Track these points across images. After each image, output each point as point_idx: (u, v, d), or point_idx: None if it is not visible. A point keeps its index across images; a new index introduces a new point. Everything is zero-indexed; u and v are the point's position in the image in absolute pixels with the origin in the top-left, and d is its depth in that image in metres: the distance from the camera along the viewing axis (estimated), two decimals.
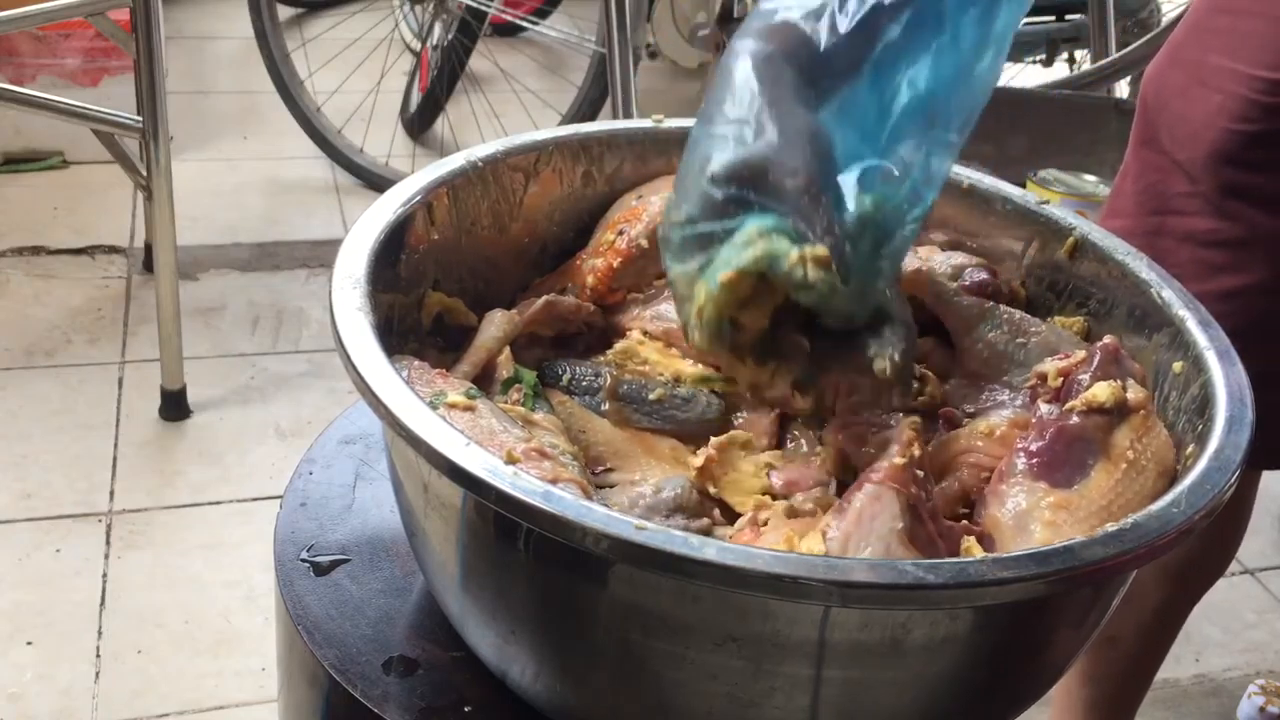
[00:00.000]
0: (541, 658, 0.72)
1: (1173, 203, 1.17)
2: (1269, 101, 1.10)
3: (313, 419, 2.29)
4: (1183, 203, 1.16)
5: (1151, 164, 1.19)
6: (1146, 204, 1.20)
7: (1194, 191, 1.15)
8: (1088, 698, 1.50)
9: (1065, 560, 0.62)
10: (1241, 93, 1.11)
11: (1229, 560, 1.48)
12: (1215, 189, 1.14)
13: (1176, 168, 1.17)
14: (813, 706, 0.67)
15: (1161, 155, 1.19)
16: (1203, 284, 1.12)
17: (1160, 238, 1.17)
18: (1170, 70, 1.20)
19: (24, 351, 2.39)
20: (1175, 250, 1.15)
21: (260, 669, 1.78)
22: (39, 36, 2.94)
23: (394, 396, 0.68)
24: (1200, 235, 1.15)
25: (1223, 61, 1.13)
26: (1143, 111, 1.23)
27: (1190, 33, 1.19)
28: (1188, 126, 1.15)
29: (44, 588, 1.87)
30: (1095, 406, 0.75)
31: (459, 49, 3.18)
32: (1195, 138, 1.14)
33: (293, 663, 0.86)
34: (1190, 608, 1.48)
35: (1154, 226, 1.18)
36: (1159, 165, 1.19)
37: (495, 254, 0.95)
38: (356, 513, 0.94)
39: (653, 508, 0.77)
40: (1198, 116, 1.14)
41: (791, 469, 0.81)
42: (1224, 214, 1.12)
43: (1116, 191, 1.26)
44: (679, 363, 0.91)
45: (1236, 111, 1.11)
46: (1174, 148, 1.17)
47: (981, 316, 0.89)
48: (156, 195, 2.18)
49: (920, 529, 0.69)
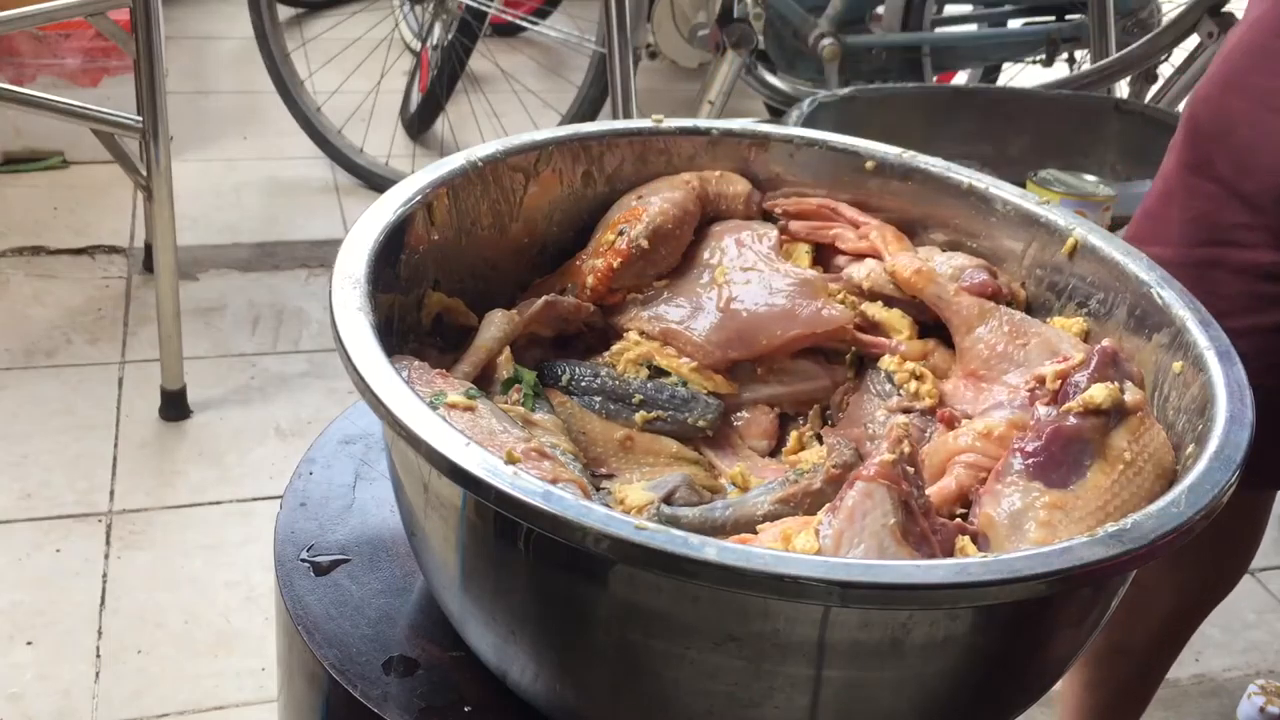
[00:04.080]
0: (541, 658, 0.73)
1: (1229, 234, 1.13)
2: None
3: (313, 419, 2.29)
4: (1242, 234, 1.12)
5: (1203, 192, 1.15)
6: (1196, 234, 1.15)
7: (1256, 224, 1.10)
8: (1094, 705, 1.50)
9: (1065, 560, 0.62)
10: None
11: (1240, 575, 1.45)
12: None
13: (1236, 198, 1.12)
14: (813, 706, 0.67)
15: (1216, 184, 1.14)
16: (1258, 318, 1.10)
17: (1213, 269, 1.13)
18: (1229, 96, 1.14)
19: (24, 351, 2.39)
20: (1229, 282, 1.12)
21: (260, 669, 1.78)
22: (39, 36, 2.94)
23: (394, 396, 0.68)
24: (1260, 268, 1.12)
25: None
26: (1191, 137, 1.17)
27: (1251, 56, 1.13)
28: (1260, 158, 1.10)
29: (44, 588, 1.87)
30: (1092, 408, 0.76)
31: (459, 49, 3.18)
32: (1269, 169, 1.09)
33: (293, 663, 0.86)
34: (1199, 621, 1.47)
35: (1206, 258, 1.13)
36: (1212, 194, 1.14)
37: (495, 254, 0.95)
38: (356, 513, 0.94)
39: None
40: (1272, 147, 1.09)
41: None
42: None
43: (1157, 217, 1.20)
44: (676, 362, 0.91)
45: None
46: (1237, 178, 1.12)
47: (981, 317, 0.90)
48: (156, 195, 2.18)
49: (913, 525, 0.69)
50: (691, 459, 0.88)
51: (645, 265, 0.95)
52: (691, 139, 1.02)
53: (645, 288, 0.96)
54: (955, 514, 0.78)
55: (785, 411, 0.94)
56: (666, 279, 0.97)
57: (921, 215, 1.00)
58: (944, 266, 0.93)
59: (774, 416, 0.93)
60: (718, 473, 0.88)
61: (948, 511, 0.78)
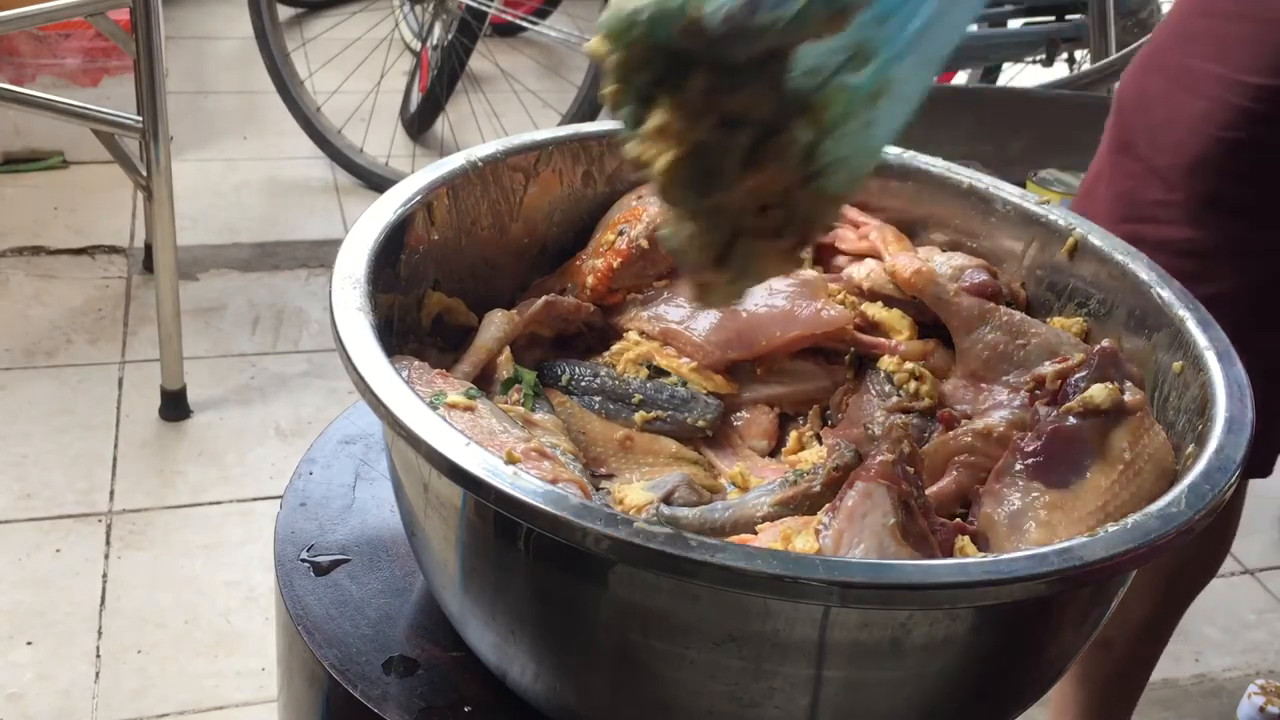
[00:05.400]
0: (541, 658, 0.72)
1: (1147, 210, 1.16)
2: (1256, 108, 1.08)
3: (313, 419, 2.29)
4: (1157, 210, 1.14)
5: (1126, 170, 1.18)
6: (1120, 211, 1.18)
7: (1170, 200, 1.13)
8: (1083, 701, 1.51)
9: (1066, 560, 0.62)
10: (1229, 99, 1.09)
11: (1219, 564, 1.47)
12: (1193, 197, 1.12)
13: (1153, 175, 1.15)
14: (813, 706, 0.67)
15: (1138, 162, 1.17)
16: None
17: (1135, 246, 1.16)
18: (1150, 75, 1.18)
19: (24, 351, 2.39)
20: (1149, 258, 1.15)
21: (260, 669, 1.78)
22: (39, 36, 2.93)
23: (394, 397, 0.68)
24: (1174, 244, 1.13)
25: (1208, 66, 1.11)
26: (1119, 117, 1.21)
27: (1171, 37, 1.17)
28: (1172, 133, 1.13)
29: (44, 588, 1.87)
30: (1091, 409, 0.76)
31: (459, 49, 3.18)
32: (1180, 145, 1.12)
33: (293, 663, 0.86)
34: (1181, 611, 1.48)
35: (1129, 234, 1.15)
36: (1134, 172, 1.17)
37: (495, 254, 0.95)
38: (356, 513, 0.94)
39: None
40: (1183, 122, 1.12)
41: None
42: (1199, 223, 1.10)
43: (1089, 196, 1.24)
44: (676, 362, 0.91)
45: (1224, 119, 1.09)
46: (1154, 154, 1.15)
47: (982, 317, 0.90)
48: (156, 195, 2.18)
49: (912, 524, 0.69)
50: (691, 459, 0.88)
51: (645, 265, 0.95)
52: None
53: (645, 288, 0.96)
54: (955, 514, 0.78)
55: (785, 411, 0.94)
56: (666, 279, 0.97)
57: (921, 215, 1.00)
58: (944, 266, 0.93)
59: (774, 416, 0.93)
60: (717, 473, 0.88)
61: (947, 511, 0.78)
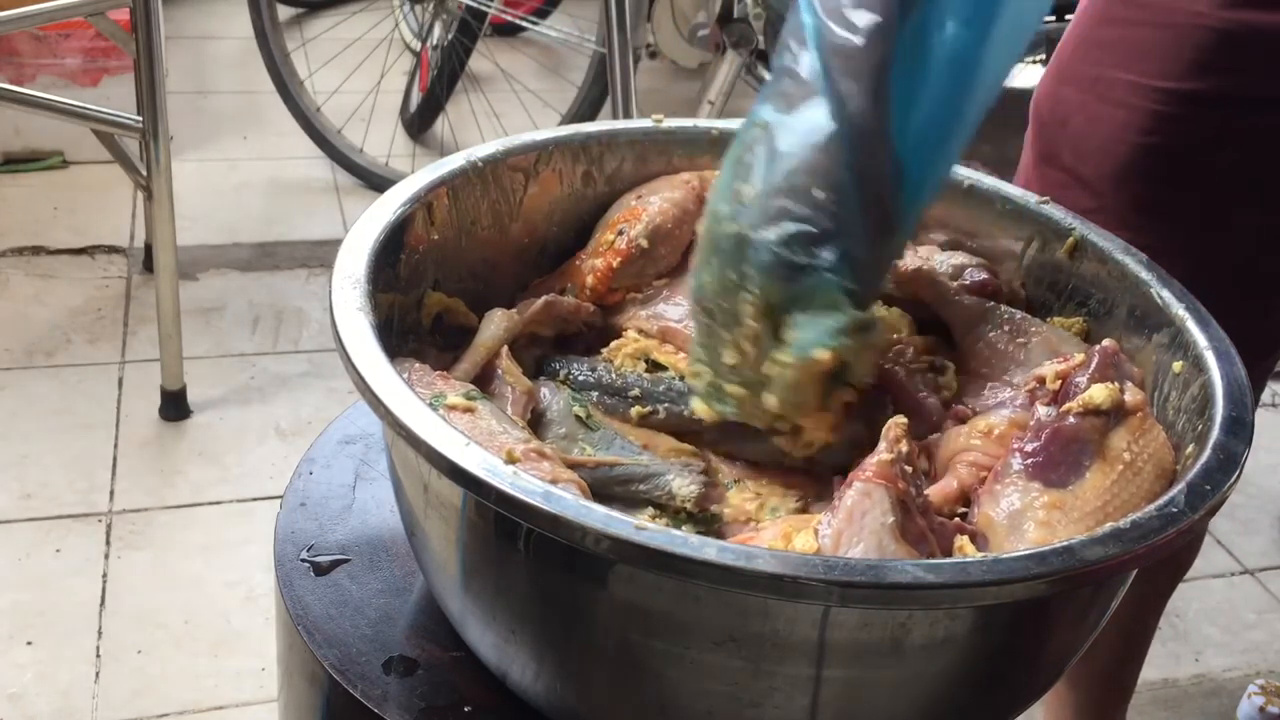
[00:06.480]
0: (541, 658, 0.72)
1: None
2: (1171, 112, 1.08)
3: (313, 419, 2.29)
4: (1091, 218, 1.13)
5: (1054, 181, 1.17)
6: None
7: (1099, 207, 1.12)
8: (1074, 702, 1.51)
9: (1066, 560, 0.62)
10: (1144, 105, 1.09)
11: (1195, 556, 1.48)
12: (1121, 204, 1.12)
13: (1080, 184, 1.15)
14: (813, 706, 0.67)
15: (1063, 172, 1.17)
16: None
17: None
18: (1063, 87, 1.17)
19: (24, 351, 2.39)
20: None
21: (260, 669, 1.78)
22: (39, 36, 2.93)
23: (394, 397, 0.68)
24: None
25: (1118, 74, 1.11)
26: (1038, 129, 1.21)
27: (1078, 47, 1.17)
28: (1093, 143, 1.14)
29: (44, 588, 1.87)
30: (1092, 408, 0.76)
31: (459, 49, 3.18)
32: (1102, 153, 1.13)
33: (293, 663, 0.86)
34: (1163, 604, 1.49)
35: None
36: (1061, 182, 1.17)
37: (495, 254, 0.95)
38: (356, 513, 0.94)
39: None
40: (1102, 132, 1.12)
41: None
42: (1128, 228, 1.10)
43: None
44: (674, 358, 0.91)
45: (1141, 125, 1.10)
46: (1078, 164, 1.15)
47: (982, 316, 0.90)
48: (156, 195, 2.18)
49: (911, 524, 0.69)
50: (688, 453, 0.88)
51: (645, 265, 0.95)
52: (692, 139, 1.02)
53: (645, 287, 0.96)
54: (956, 513, 0.78)
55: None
56: (666, 278, 0.97)
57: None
58: (944, 266, 0.93)
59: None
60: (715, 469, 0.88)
61: (949, 511, 0.78)
